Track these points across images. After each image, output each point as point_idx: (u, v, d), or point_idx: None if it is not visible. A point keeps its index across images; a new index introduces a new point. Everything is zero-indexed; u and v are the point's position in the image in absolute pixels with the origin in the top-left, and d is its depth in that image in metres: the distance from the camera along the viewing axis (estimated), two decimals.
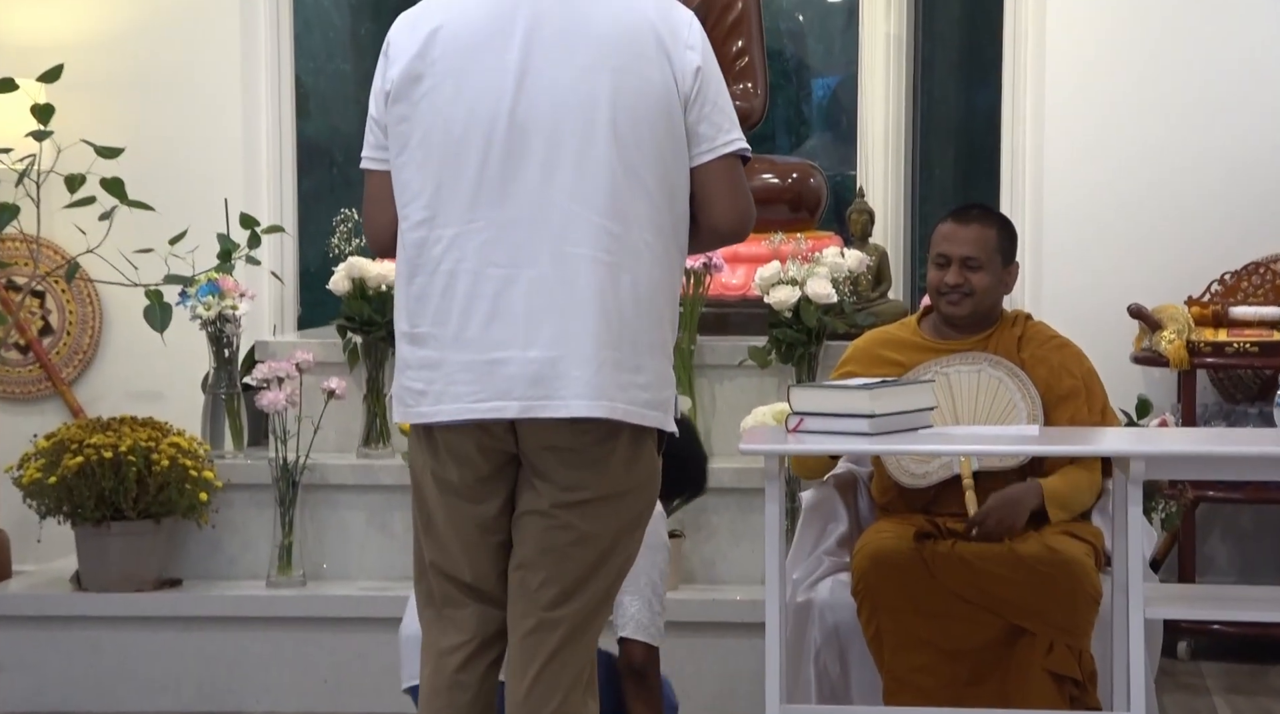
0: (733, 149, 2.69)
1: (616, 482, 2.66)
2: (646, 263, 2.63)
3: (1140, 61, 5.17)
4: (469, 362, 2.61)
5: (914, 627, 3.61)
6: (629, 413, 2.62)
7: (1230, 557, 5.20)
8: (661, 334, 2.68)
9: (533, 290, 2.60)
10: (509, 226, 2.60)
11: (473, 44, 2.63)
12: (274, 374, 4.60)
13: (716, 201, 2.69)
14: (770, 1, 6.64)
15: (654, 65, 2.64)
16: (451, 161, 2.62)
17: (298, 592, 4.64)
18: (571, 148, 2.60)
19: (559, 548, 2.66)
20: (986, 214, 3.92)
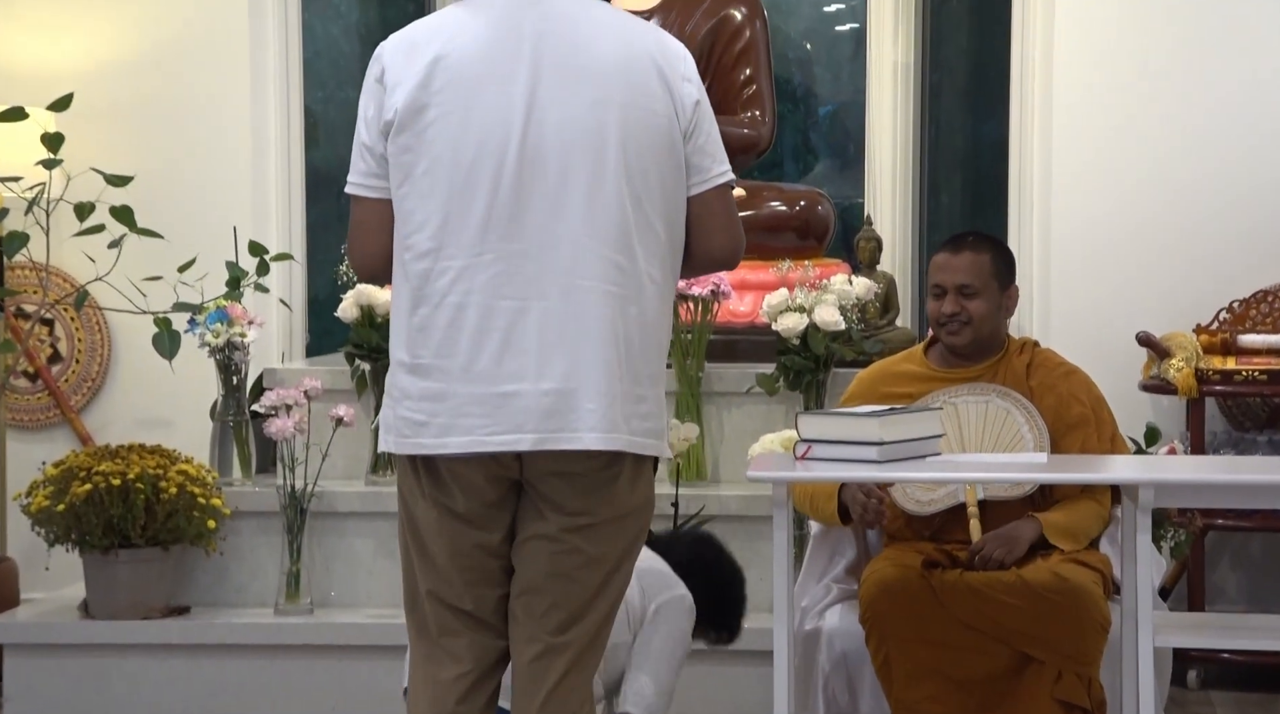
0: (726, 179, 2.76)
1: (621, 505, 2.69)
2: (650, 295, 2.66)
3: (1147, 89, 5.18)
4: (480, 394, 2.61)
5: (922, 655, 3.60)
6: (632, 443, 2.66)
7: (1240, 585, 5.19)
8: (661, 364, 2.73)
9: (545, 323, 2.61)
10: (519, 259, 2.61)
11: (478, 75, 2.64)
12: (282, 401, 4.61)
13: (714, 231, 2.74)
14: (778, 30, 6.65)
15: (658, 98, 2.67)
16: (459, 193, 2.62)
17: (305, 619, 4.64)
18: (581, 181, 2.62)
19: (566, 572, 2.67)
20: (980, 240, 3.92)
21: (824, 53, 6.97)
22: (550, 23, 2.66)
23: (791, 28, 6.91)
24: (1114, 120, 5.19)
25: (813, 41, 6.97)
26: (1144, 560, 3.38)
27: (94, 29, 5.40)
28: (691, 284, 4.77)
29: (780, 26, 6.74)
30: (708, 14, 5.76)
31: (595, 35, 2.67)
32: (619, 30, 2.69)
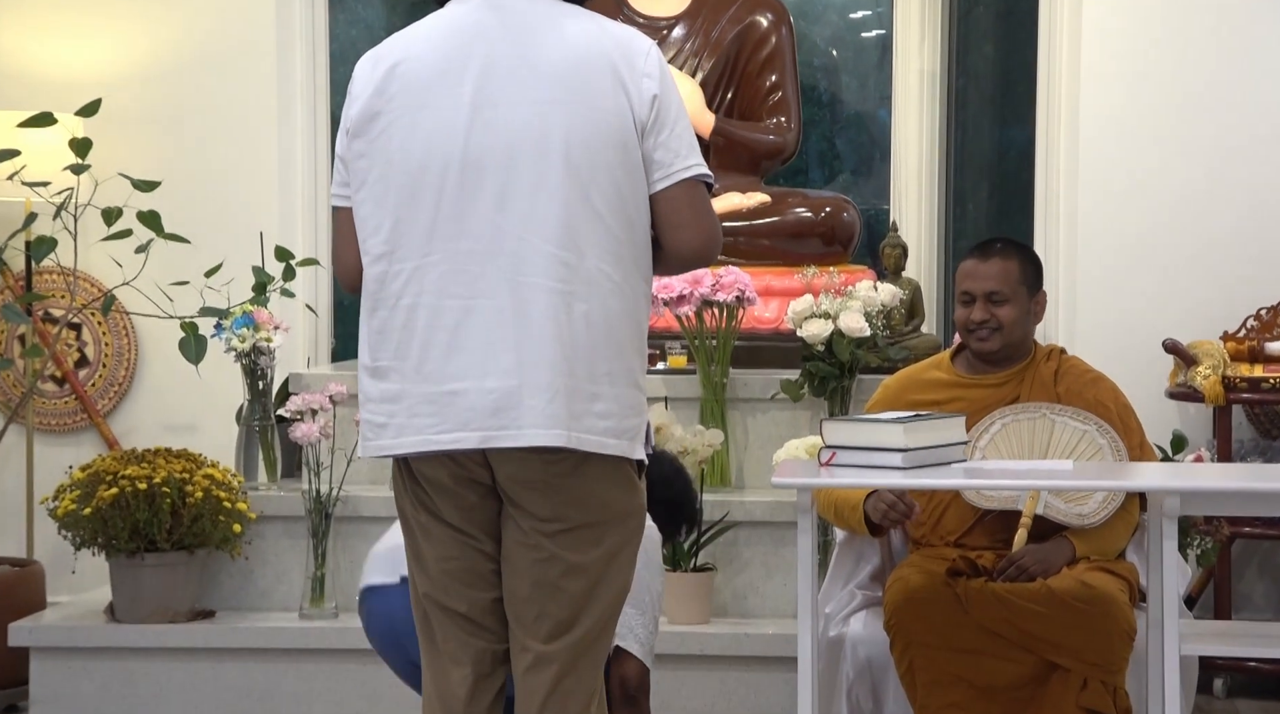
0: (691, 174, 2.70)
1: (593, 511, 2.67)
2: (603, 292, 2.64)
3: (1175, 96, 5.16)
4: (429, 393, 2.64)
5: (947, 663, 3.59)
6: (584, 441, 2.63)
7: (1267, 593, 5.17)
8: (624, 362, 2.67)
9: (490, 321, 2.62)
10: (465, 259, 2.63)
11: (428, 80, 2.66)
12: (308, 406, 4.62)
13: (682, 228, 2.70)
14: (804, 36, 6.65)
15: (608, 96, 2.65)
16: (408, 197, 2.65)
17: (330, 623, 4.65)
18: (525, 180, 2.62)
19: (550, 580, 2.67)
20: (1008, 247, 3.91)
21: (850, 60, 6.97)
22: (507, 30, 2.67)
23: (817, 34, 6.91)
24: (1141, 128, 5.17)
25: (839, 48, 6.97)
26: (1170, 568, 3.36)
27: (122, 35, 5.43)
28: (716, 290, 4.77)
29: (806, 33, 6.75)
30: (733, 20, 5.77)
31: (547, 37, 2.67)
32: (574, 31, 2.68)
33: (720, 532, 4.58)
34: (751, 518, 4.67)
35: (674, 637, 4.47)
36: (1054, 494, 3.71)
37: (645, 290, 2.72)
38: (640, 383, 2.71)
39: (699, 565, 4.58)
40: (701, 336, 4.82)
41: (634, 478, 2.71)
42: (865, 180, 6.94)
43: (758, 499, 4.70)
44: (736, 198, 5.52)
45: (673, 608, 4.55)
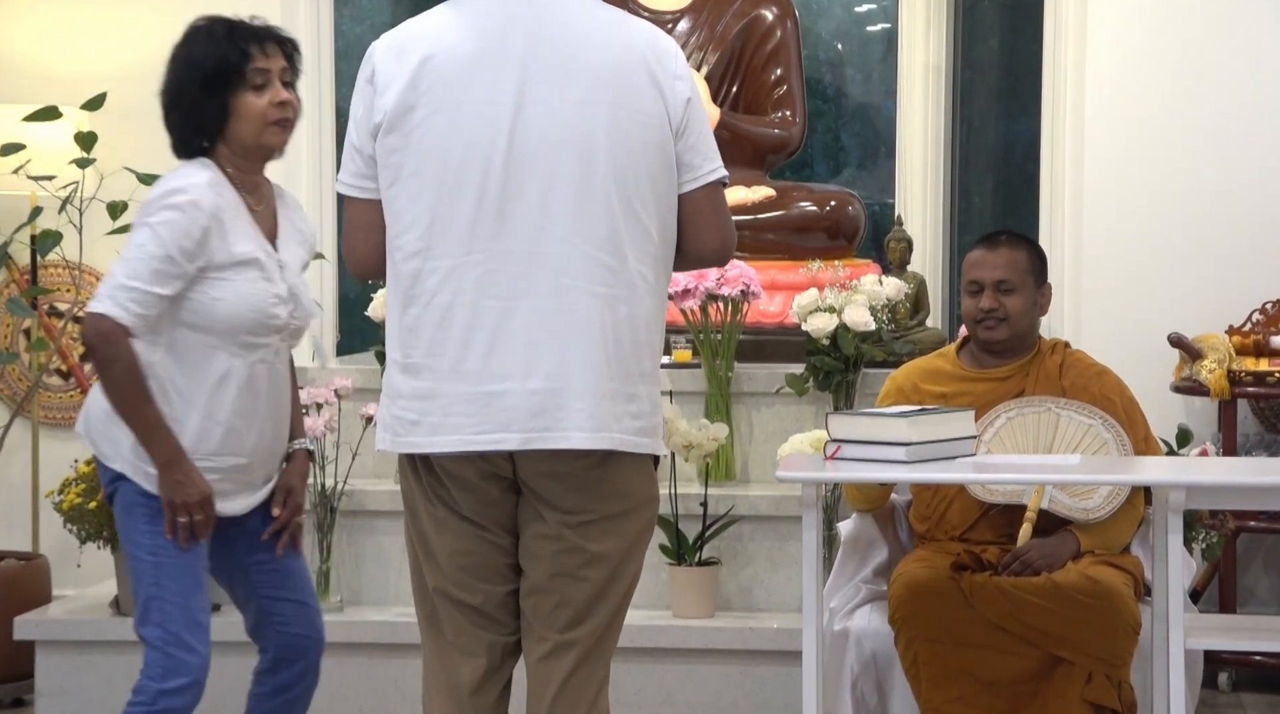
0: (718, 176, 2.73)
1: (617, 502, 2.70)
2: (641, 294, 2.66)
3: (1180, 90, 5.16)
4: (468, 393, 2.63)
5: (951, 657, 3.59)
6: (624, 442, 2.66)
7: (1272, 587, 5.16)
8: (653, 363, 2.72)
9: (532, 322, 2.62)
10: (506, 259, 2.63)
11: (466, 75, 2.64)
12: (313, 400, 4.62)
13: (704, 229, 2.72)
14: (809, 30, 6.65)
15: (647, 97, 2.66)
16: (448, 194, 2.63)
17: (335, 617, 4.65)
18: (569, 182, 2.62)
19: (570, 571, 2.69)
20: (1014, 238, 3.92)
21: (855, 53, 6.97)
22: (541, 23, 2.66)
23: (822, 28, 6.91)
24: (1146, 121, 5.17)
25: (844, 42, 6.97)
26: (1175, 562, 3.36)
27: (127, 29, 5.43)
28: (721, 284, 4.77)
29: (811, 27, 6.74)
30: (738, 14, 5.76)
31: (585, 35, 2.66)
32: (610, 30, 2.68)
33: (725, 526, 4.59)
34: (756, 512, 4.68)
35: (679, 631, 4.47)
36: (1059, 488, 3.71)
37: (666, 290, 2.77)
38: (660, 379, 2.77)
39: (704, 560, 4.59)
40: (706, 331, 4.82)
41: (651, 470, 2.75)
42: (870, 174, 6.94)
43: (762, 493, 4.70)
44: (741, 192, 5.52)
45: (678, 602, 4.56)
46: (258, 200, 3.22)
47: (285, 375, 3.31)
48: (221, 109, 3.16)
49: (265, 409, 3.23)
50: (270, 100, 3.16)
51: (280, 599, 3.37)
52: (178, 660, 3.23)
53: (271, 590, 3.36)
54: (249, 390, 3.19)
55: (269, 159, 3.23)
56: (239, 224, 3.14)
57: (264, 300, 3.16)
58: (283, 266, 3.21)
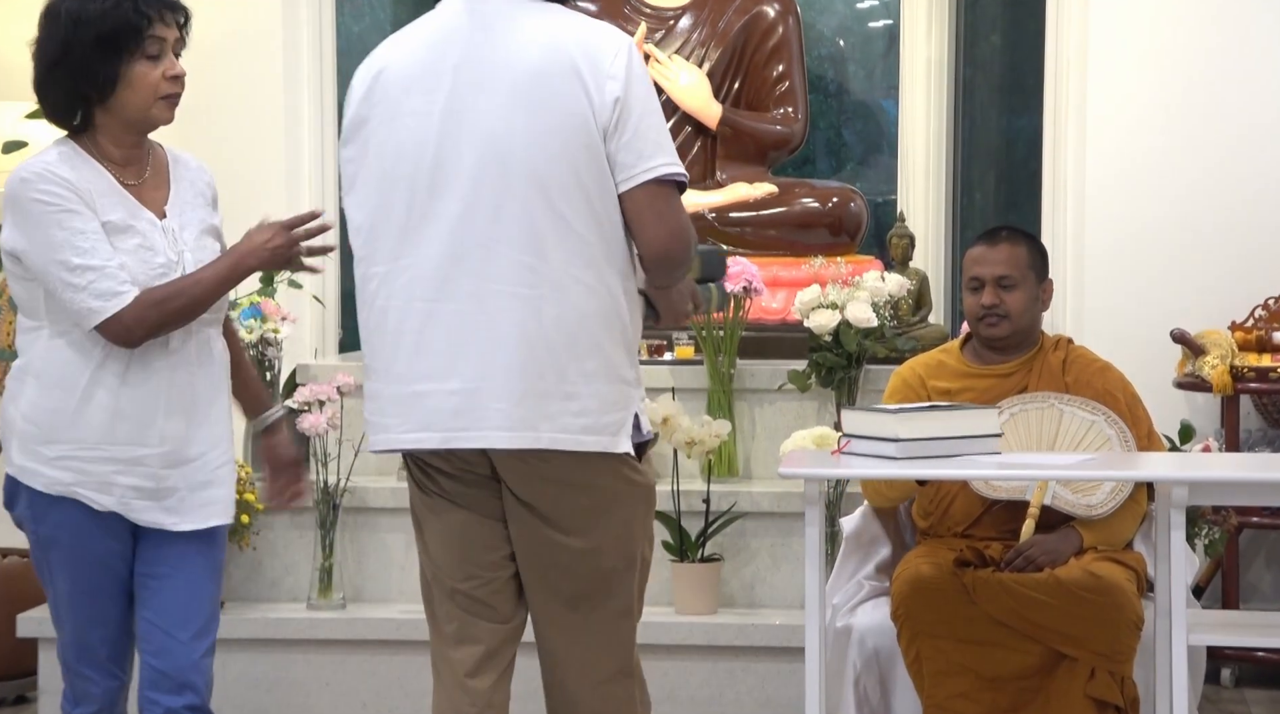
0: (655, 174, 2.69)
1: (593, 498, 2.74)
2: (574, 294, 2.67)
3: (1183, 85, 5.15)
4: (396, 394, 2.74)
5: (954, 653, 3.59)
6: (558, 440, 2.68)
7: (1275, 583, 5.16)
8: (603, 360, 2.70)
9: (453, 325, 2.69)
10: (430, 263, 2.69)
11: (406, 87, 2.72)
12: (315, 397, 4.63)
13: (645, 228, 2.71)
14: (811, 26, 6.64)
15: (571, 99, 2.67)
16: (384, 202, 2.73)
17: (338, 614, 4.66)
18: (488, 186, 2.67)
19: (559, 563, 2.75)
20: (1015, 233, 3.92)
21: (857, 49, 6.96)
22: (475, 32, 2.71)
23: (824, 24, 6.91)
24: (1149, 117, 5.17)
25: (846, 38, 6.96)
26: (1178, 558, 3.36)
27: None
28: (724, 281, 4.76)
29: (813, 23, 6.74)
30: (740, 11, 5.76)
31: (513, 41, 2.70)
32: (539, 34, 2.70)
33: (727, 522, 4.59)
34: (758, 509, 4.68)
35: (681, 627, 4.47)
36: (1062, 485, 3.71)
37: (625, 286, 2.73)
38: (626, 376, 2.74)
39: (706, 556, 4.59)
40: (709, 327, 4.82)
41: (624, 464, 2.75)
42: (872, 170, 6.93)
43: (765, 490, 4.70)
44: (743, 188, 5.52)
45: (680, 598, 4.56)
46: (136, 173, 2.98)
47: (205, 357, 2.99)
48: (112, 75, 2.90)
49: (172, 395, 2.93)
50: (165, 72, 2.93)
51: (154, 624, 3.00)
52: (79, 689, 3.05)
53: (150, 611, 3.01)
54: (141, 372, 2.91)
55: (150, 132, 3.02)
56: (106, 200, 2.91)
57: (143, 270, 2.90)
58: (173, 234, 2.96)
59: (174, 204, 3.00)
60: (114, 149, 2.96)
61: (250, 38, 5.44)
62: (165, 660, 2.98)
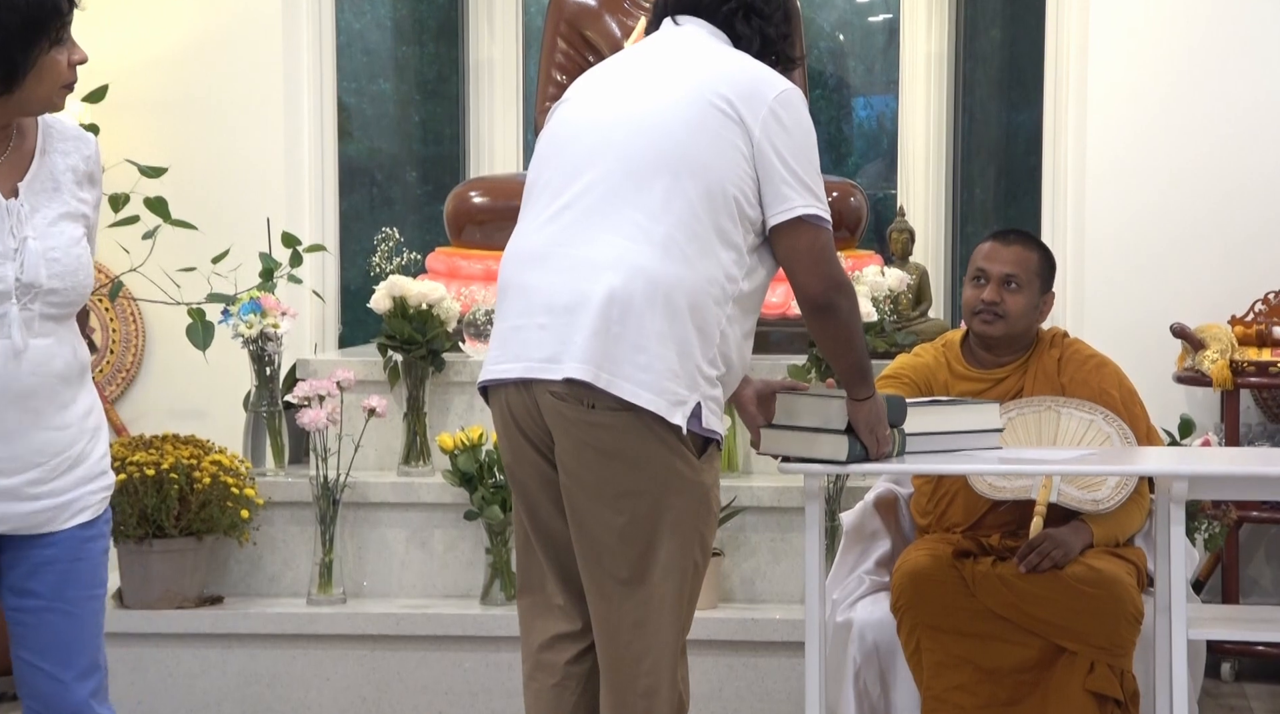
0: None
1: (639, 474, 2.79)
2: (679, 266, 2.81)
3: (1183, 80, 5.15)
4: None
5: (953, 645, 3.59)
6: (615, 385, 2.76)
7: (1275, 577, 5.16)
8: (681, 333, 2.77)
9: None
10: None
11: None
12: (315, 392, 4.63)
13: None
14: (811, 21, 6.64)
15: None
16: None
17: (338, 609, 4.66)
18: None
19: (583, 527, 2.84)
20: (1028, 238, 3.90)
21: (857, 44, 6.96)
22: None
23: (824, 19, 6.90)
24: (1149, 111, 5.16)
25: (846, 33, 6.96)
26: (1178, 553, 3.36)
27: (129, 22, 5.42)
28: None
29: (813, 18, 6.73)
30: None
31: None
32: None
33: (728, 517, 4.59)
34: (759, 503, 4.68)
35: None
36: (1067, 481, 3.70)
37: (725, 273, 2.81)
38: (700, 362, 2.78)
39: None
40: None
41: (675, 452, 2.78)
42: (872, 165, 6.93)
43: (765, 484, 4.70)
44: None
45: None
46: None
47: (56, 357, 2.67)
48: (25, 64, 2.59)
49: (11, 400, 2.62)
50: (70, 59, 2.64)
51: (33, 665, 2.69)
52: None
53: (26, 649, 2.69)
54: None
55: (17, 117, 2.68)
56: None
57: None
58: (18, 216, 2.63)
59: (31, 183, 2.68)
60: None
61: (250, 32, 5.44)
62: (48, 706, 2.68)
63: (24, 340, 2.63)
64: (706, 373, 2.79)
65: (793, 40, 3.07)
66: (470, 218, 5.39)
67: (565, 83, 5.72)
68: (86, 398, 2.75)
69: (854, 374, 2.96)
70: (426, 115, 6.66)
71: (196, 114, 5.44)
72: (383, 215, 6.16)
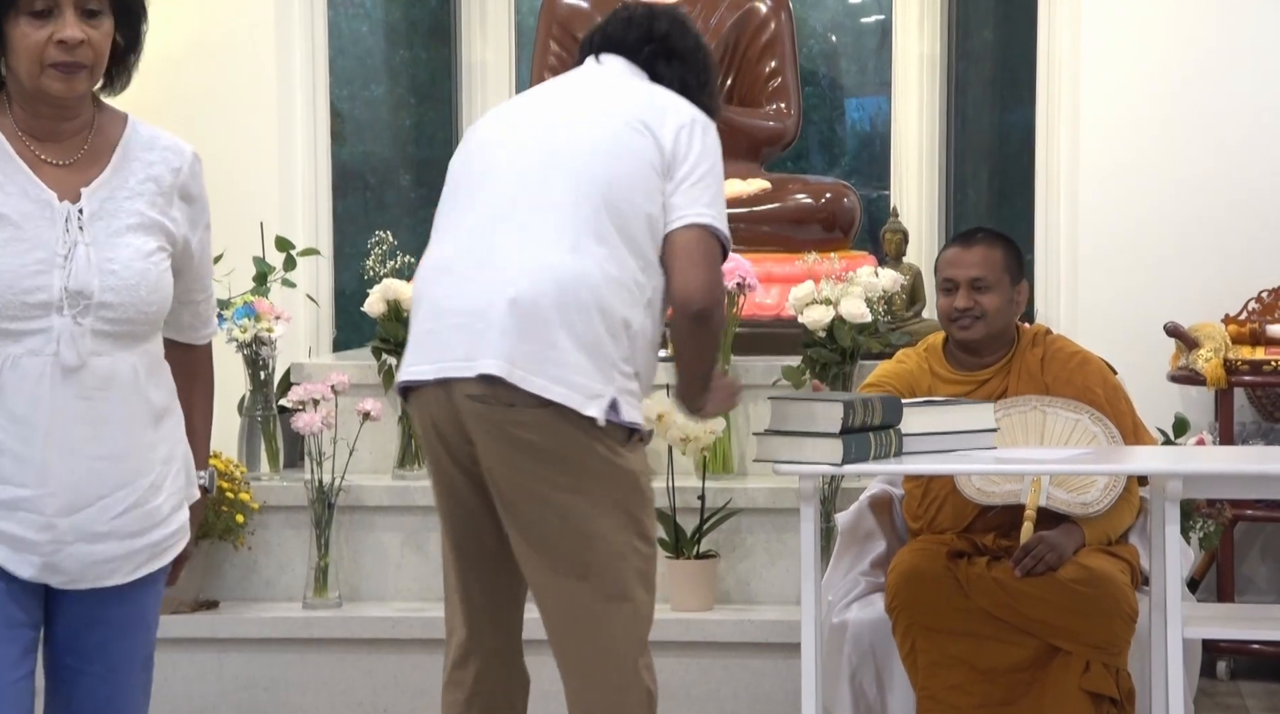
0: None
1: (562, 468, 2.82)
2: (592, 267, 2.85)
3: (1176, 78, 5.16)
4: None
5: (948, 645, 3.59)
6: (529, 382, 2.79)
7: (1270, 576, 5.17)
8: (594, 331, 2.81)
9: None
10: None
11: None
12: (309, 396, 4.62)
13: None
14: (803, 22, 6.64)
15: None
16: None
17: (334, 613, 4.65)
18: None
19: (520, 530, 2.88)
20: (990, 235, 3.89)
21: (850, 45, 6.97)
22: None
23: (817, 20, 6.91)
24: (1142, 111, 5.17)
25: (838, 34, 6.97)
26: (1173, 552, 3.37)
27: None
28: None
29: (805, 19, 6.74)
30: (732, 7, 5.76)
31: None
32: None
33: (723, 519, 4.59)
34: (754, 505, 4.68)
35: (677, 623, 4.47)
36: (1056, 485, 3.70)
37: (634, 279, 2.84)
38: (614, 358, 2.81)
39: (702, 552, 4.59)
40: None
41: (597, 439, 2.79)
42: (866, 166, 6.94)
43: (760, 486, 4.70)
44: (737, 184, 5.51)
45: (676, 595, 4.56)
46: (63, 152, 2.44)
47: (115, 382, 2.40)
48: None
49: (59, 424, 2.35)
50: (51, 35, 2.36)
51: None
52: None
53: (62, 710, 2.49)
54: (18, 395, 2.33)
55: (62, 107, 2.43)
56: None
57: (14, 268, 2.35)
58: (75, 221, 2.40)
59: (98, 189, 2.44)
60: (30, 120, 2.42)
61: (243, 36, 5.44)
62: None
63: (73, 357, 2.35)
64: (622, 368, 2.82)
65: (711, 91, 3.10)
66: None
67: None
68: (155, 434, 2.47)
69: (700, 382, 2.99)
70: (419, 118, 6.66)
71: (190, 119, 5.42)
72: (376, 219, 6.16)
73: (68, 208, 2.40)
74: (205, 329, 2.66)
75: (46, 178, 2.40)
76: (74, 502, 2.37)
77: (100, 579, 2.41)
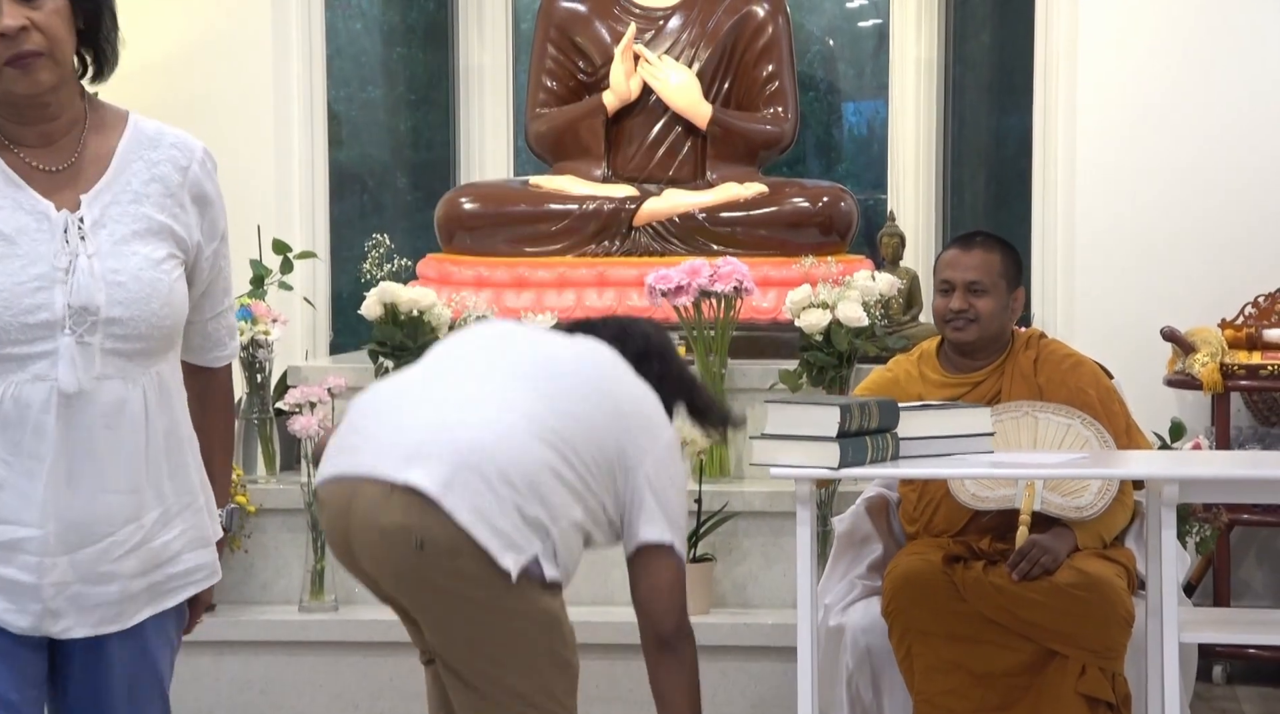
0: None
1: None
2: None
3: (1173, 83, 5.16)
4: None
5: (944, 649, 3.59)
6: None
7: (1266, 580, 5.17)
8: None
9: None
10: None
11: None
12: (306, 399, 4.62)
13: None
14: (800, 26, 6.65)
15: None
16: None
17: (330, 616, 4.65)
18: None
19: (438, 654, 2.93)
20: (990, 239, 3.89)
21: (847, 49, 6.97)
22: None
23: (814, 24, 6.91)
24: (1138, 115, 5.18)
25: (835, 38, 6.97)
26: (1169, 556, 3.37)
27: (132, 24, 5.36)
28: (714, 280, 4.77)
29: (803, 23, 6.74)
30: (730, 10, 5.77)
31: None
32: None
33: (720, 522, 4.59)
34: (751, 508, 4.68)
35: None
36: (1050, 489, 3.70)
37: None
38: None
39: (698, 556, 4.59)
40: (699, 327, 4.82)
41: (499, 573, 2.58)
42: (863, 169, 6.94)
43: (757, 489, 4.70)
44: (734, 188, 5.52)
45: None
46: (57, 159, 2.25)
47: (125, 409, 2.21)
48: None
49: (63, 458, 2.17)
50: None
51: None
52: None
53: None
54: (17, 425, 2.15)
55: (38, 106, 2.23)
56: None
57: (10, 287, 2.16)
58: (74, 232, 2.20)
59: (99, 194, 2.25)
60: (13, 127, 2.24)
61: (240, 39, 5.44)
62: None
63: (77, 380, 2.16)
64: (551, 535, 2.65)
65: (676, 403, 3.00)
66: (461, 224, 5.39)
67: (555, 88, 5.73)
68: (168, 465, 2.28)
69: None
70: (417, 121, 6.66)
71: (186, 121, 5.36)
72: (373, 222, 6.16)
73: (66, 217, 2.20)
74: (219, 351, 2.43)
75: (41, 186, 2.21)
76: (78, 539, 2.19)
77: (102, 624, 2.23)
